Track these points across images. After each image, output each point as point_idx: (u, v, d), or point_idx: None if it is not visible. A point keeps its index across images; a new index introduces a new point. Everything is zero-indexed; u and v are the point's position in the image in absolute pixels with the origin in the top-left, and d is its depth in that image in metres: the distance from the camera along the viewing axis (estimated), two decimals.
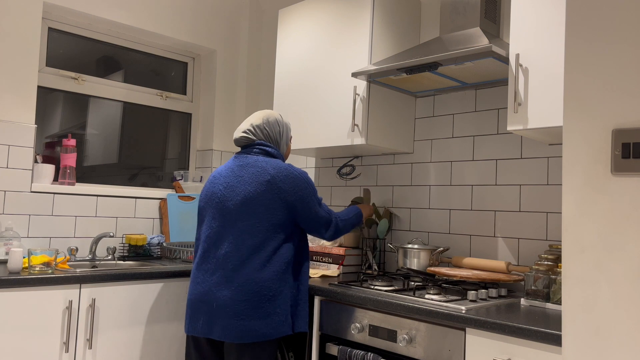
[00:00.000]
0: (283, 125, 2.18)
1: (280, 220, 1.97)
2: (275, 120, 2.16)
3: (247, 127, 2.12)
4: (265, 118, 2.14)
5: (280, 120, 2.18)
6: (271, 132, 2.14)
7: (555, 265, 1.88)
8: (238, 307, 1.88)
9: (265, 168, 2.00)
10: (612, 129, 1.11)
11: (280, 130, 2.16)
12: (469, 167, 2.48)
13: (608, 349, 1.08)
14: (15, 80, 2.65)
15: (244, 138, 2.12)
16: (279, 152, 2.14)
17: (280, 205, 1.96)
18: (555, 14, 1.85)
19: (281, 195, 1.96)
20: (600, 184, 1.11)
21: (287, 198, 1.97)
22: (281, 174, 1.98)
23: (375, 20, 2.48)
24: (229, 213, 1.99)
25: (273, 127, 2.14)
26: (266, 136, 2.12)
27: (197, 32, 3.38)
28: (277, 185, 1.96)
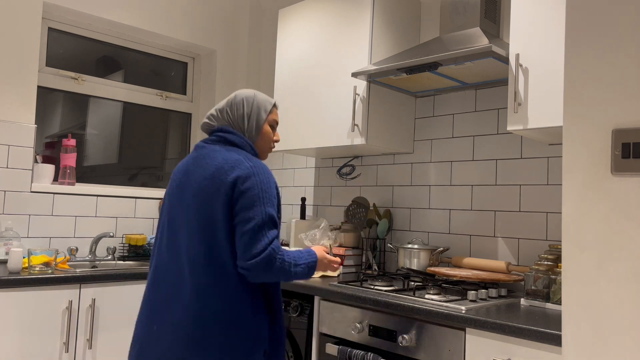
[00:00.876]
0: (252, 105, 1.69)
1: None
2: (241, 100, 1.68)
3: (211, 111, 1.73)
4: (230, 99, 1.70)
5: (250, 98, 1.69)
6: (234, 115, 1.68)
7: (555, 265, 1.88)
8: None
9: (212, 161, 1.58)
10: (612, 129, 1.11)
11: (246, 112, 1.68)
12: (469, 167, 2.48)
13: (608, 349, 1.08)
14: (15, 80, 2.65)
15: (205, 124, 1.72)
16: (245, 140, 1.65)
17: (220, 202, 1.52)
18: (555, 14, 1.85)
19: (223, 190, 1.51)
20: (600, 184, 1.11)
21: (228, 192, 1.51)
22: (227, 165, 1.54)
23: (375, 20, 2.48)
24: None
25: (236, 108, 1.68)
26: (229, 120, 1.68)
27: (197, 32, 3.38)
28: (220, 179, 1.52)
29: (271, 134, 1.74)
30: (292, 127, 2.79)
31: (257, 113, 1.69)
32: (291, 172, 3.35)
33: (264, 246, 1.45)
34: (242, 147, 1.65)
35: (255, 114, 1.69)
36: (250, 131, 1.69)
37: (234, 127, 1.68)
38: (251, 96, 1.70)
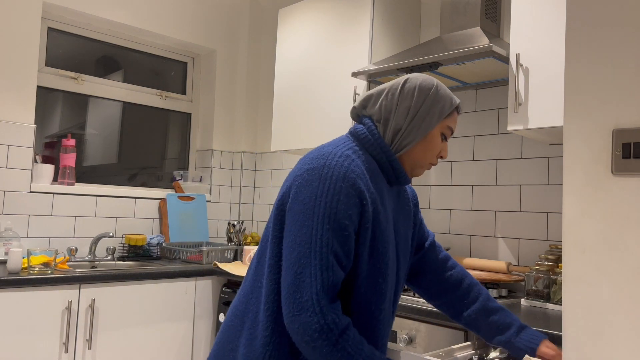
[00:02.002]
0: (426, 98, 1.19)
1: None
2: (413, 87, 1.19)
3: (370, 91, 1.29)
4: (398, 82, 1.22)
5: (428, 88, 1.19)
6: (391, 103, 1.20)
7: (556, 266, 1.88)
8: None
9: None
10: (613, 129, 1.10)
11: (413, 105, 1.18)
12: (469, 167, 2.47)
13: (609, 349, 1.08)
14: (14, 80, 2.65)
15: (353, 109, 1.28)
16: (373, 140, 1.19)
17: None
18: (555, 13, 1.85)
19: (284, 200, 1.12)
20: (601, 184, 1.11)
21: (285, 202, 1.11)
22: (299, 165, 1.13)
23: (375, 20, 2.48)
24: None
25: (402, 96, 1.19)
26: (377, 112, 1.21)
27: (197, 32, 3.38)
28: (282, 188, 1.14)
29: (439, 145, 1.23)
30: (292, 127, 2.79)
31: (427, 110, 1.19)
32: None
33: (304, 302, 0.98)
34: (367, 147, 1.19)
35: (425, 111, 1.18)
36: (409, 131, 1.19)
37: (384, 119, 1.20)
38: (430, 86, 1.20)
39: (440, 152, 1.24)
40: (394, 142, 1.20)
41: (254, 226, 3.60)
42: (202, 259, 2.82)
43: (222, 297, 2.65)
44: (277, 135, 2.87)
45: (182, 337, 2.57)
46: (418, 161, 1.23)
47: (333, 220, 1.02)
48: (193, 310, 2.61)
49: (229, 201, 3.54)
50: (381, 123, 1.20)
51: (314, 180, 1.05)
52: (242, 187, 3.58)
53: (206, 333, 2.67)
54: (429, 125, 1.18)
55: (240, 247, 3.03)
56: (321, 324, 0.97)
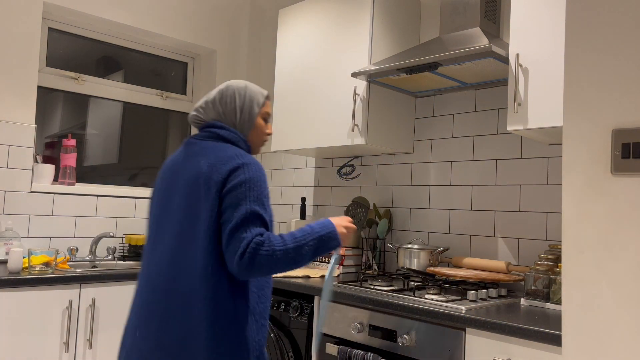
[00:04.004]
0: (244, 98, 1.61)
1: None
2: (233, 92, 1.60)
3: (200, 103, 1.62)
4: (221, 89, 1.61)
5: (242, 90, 1.61)
6: (225, 108, 1.59)
7: (555, 265, 1.88)
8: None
9: (205, 159, 1.49)
10: (612, 129, 1.11)
11: (239, 105, 1.60)
12: (469, 167, 2.48)
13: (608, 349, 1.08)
14: (15, 80, 2.65)
15: (193, 117, 1.63)
16: (239, 136, 1.58)
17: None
18: (555, 14, 1.85)
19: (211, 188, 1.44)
20: (600, 184, 1.11)
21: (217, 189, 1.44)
22: (220, 162, 1.46)
23: (375, 20, 2.48)
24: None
25: (228, 101, 1.59)
26: (219, 113, 1.59)
27: (197, 32, 3.38)
28: (213, 178, 1.44)
29: (264, 127, 1.66)
30: (292, 127, 2.80)
31: (249, 106, 1.61)
32: (291, 172, 3.35)
33: (245, 244, 1.35)
34: (235, 143, 1.57)
35: (248, 107, 1.60)
36: (242, 125, 1.60)
37: (225, 120, 1.59)
38: (242, 88, 1.61)
39: (267, 131, 1.66)
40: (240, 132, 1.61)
41: None
42: None
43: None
44: (277, 135, 2.88)
45: None
46: (255, 142, 1.65)
47: (263, 199, 1.46)
48: None
49: None
50: (226, 122, 1.59)
51: (249, 171, 1.46)
52: None
53: None
54: (253, 116, 1.61)
55: None
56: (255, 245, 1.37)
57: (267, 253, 1.35)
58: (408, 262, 2.37)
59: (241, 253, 1.34)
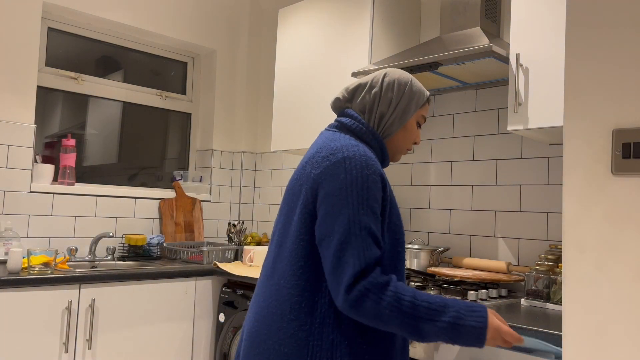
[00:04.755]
0: (404, 92, 1.34)
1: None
2: (392, 82, 1.34)
3: (349, 85, 1.39)
4: (377, 76, 1.36)
5: (405, 83, 1.35)
6: (375, 96, 1.33)
7: (556, 266, 1.88)
8: None
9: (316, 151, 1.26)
10: (613, 129, 1.10)
11: (395, 97, 1.33)
12: (469, 167, 2.47)
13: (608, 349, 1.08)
14: (14, 80, 2.65)
15: (334, 100, 1.40)
16: (365, 129, 1.31)
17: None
18: (555, 13, 1.85)
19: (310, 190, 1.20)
20: (601, 184, 1.11)
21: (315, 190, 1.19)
22: (319, 155, 1.23)
23: (375, 20, 2.48)
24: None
25: (383, 89, 1.33)
26: (362, 104, 1.34)
27: (197, 32, 3.38)
28: (307, 173, 1.23)
29: (415, 132, 1.39)
30: (292, 127, 2.79)
31: (407, 102, 1.34)
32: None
33: (348, 279, 1.04)
34: (360, 136, 1.31)
35: (404, 103, 1.34)
36: (391, 122, 1.33)
37: (369, 111, 1.32)
38: (406, 79, 1.35)
39: (415, 139, 1.41)
40: (379, 130, 1.34)
41: (254, 226, 3.61)
42: (202, 259, 2.82)
43: (222, 297, 2.65)
44: (277, 135, 2.88)
45: (182, 337, 2.57)
46: (398, 147, 1.38)
47: (366, 206, 1.12)
48: (193, 310, 2.61)
49: (229, 201, 3.54)
50: (365, 113, 1.34)
51: (339, 173, 1.15)
52: (242, 187, 3.58)
53: (206, 333, 2.67)
54: (407, 115, 1.35)
55: (240, 247, 3.03)
56: (365, 285, 1.05)
57: (385, 299, 1.04)
58: (408, 262, 2.37)
59: (344, 289, 1.05)
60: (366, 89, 1.34)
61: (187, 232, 3.26)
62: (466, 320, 1.07)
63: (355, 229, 1.08)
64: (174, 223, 3.21)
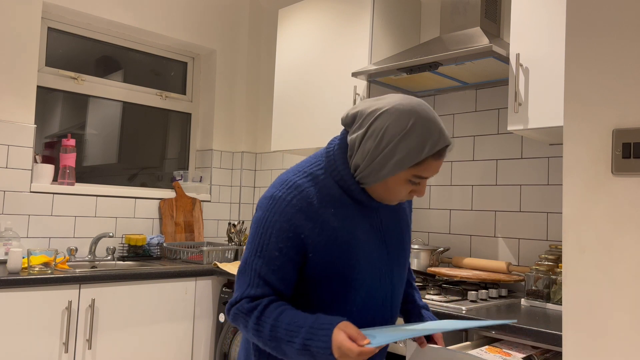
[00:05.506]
0: (383, 146, 1.09)
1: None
2: (384, 126, 1.10)
3: (357, 105, 1.19)
4: (374, 113, 1.12)
5: (401, 127, 1.09)
6: (352, 140, 1.15)
7: (556, 266, 1.88)
8: None
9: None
10: (613, 129, 1.10)
11: (366, 149, 1.11)
12: (469, 167, 2.47)
13: (608, 349, 1.08)
14: (14, 80, 2.65)
15: (343, 118, 1.21)
16: (337, 165, 1.17)
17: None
18: (555, 13, 1.85)
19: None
20: (601, 184, 1.11)
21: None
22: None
23: (375, 20, 2.48)
24: None
25: (359, 136, 1.13)
26: (350, 139, 1.16)
27: (197, 32, 3.38)
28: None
29: (404, 189, 1.15)
30: (292, 127, 2.79)
31: (387, 160, 1.10)
32: None
33: (230, 301, 1.17)
34: (328, 169, 1.18)
35: (383, 161, 1.10)
36: (366, 175, 1.13)
37: (352, 145, 1.15)
38: (401, 129, 1.09)
39: (403, 198, 1.17)
40: (355, 175, 1.16)
41: None
42: (202, 259, 2.82)
43: (222, 297, 2.65)
44: (277, 135, 2.87)
45: (182, 337, 2.57)
46: (384, 197, 1.18)
47: (265, 250, 1.13)
48: (193, 310, 2.61)
49: (229, 201, 3.54)
50: (349, 149, 1.16)
51: (261, 208, 1.16)
52: (242, 187, 3.58)
53: (206, 333, 2.67)
54: (385, 174, 1.10)
55: (240, 247, 3.03)
56: (234, 311, 1.16)
57: (249, 322, 1.13)
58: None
59: (233, 302, 1.18)
60: (358, 123, 1.14)
61: (187, 232, 3.26)
62: (314, 340, 1.05)
63: (248, 268, 1.15)
64: (174, 223, 3.21)
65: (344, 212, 1.16)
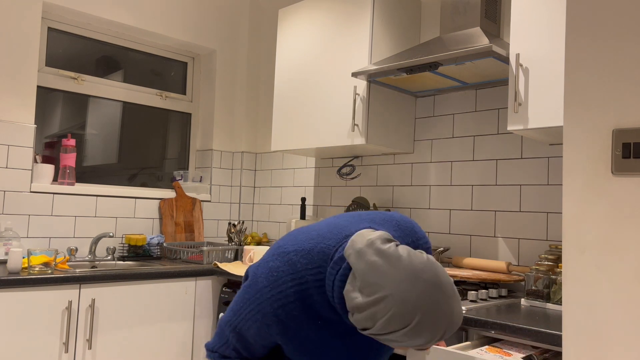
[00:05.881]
0: (399, 323, 0.97)
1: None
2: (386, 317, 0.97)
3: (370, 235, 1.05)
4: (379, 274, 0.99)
5: (410, 314, 0.96)
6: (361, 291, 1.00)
7: (556, 266, 1.88)
8: None
9: None
10: (613, 129, 1.10)
11: (382, 316, 0.97)
12: (469, 167, 2.47)
13: (608, 349, 1.08)
14: (14, 80, 2.65)
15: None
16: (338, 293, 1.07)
17: None
18: (555, 13, 1.85)
19: None
20: (601, 184, 1.11)
21: None
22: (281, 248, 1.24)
23: (375, 20, 2.48)
24: None
25: (370, 296, 0.98)
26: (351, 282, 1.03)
27: (197, 32, 3.38)
28: None
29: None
30: (292, 127, 2.79)
31: (394, 341, 0.99)
32: (291, 172, 3.35)
33: (206, 345, 1.27)
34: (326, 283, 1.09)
35: (392, 341, 0.99)
36: (368, 334, 1.02)
37: (349, 301, 1.02)
38: (409, 321, 0.96)
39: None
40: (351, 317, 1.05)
41: (254, 226, 3.61)
42: (202, 259, 2.82)
43: (222, 297, 2.65)
44: (277, 135, 2.88)
45: (182, 337, 2.57)
46: None
47: (241, 331, 1.16)
48: (193, 310, 2.61)
49: (229, 201, 3.54)
50: (345, 295, 1.03)
51: (259, 283, 1.14)
52: (242, 187, 3.58)
53: (206, 333, 2.67)
54: (386, 343, 1.02)
55: (240, 247, 3.03)
56: (208, 356, 1.25)
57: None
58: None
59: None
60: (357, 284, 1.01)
61: (187, 232, 3.26)
62: None
63: (226, 330, 1.20)
64: (174, 223, 3.21)
65: (328, 328, 1.14)
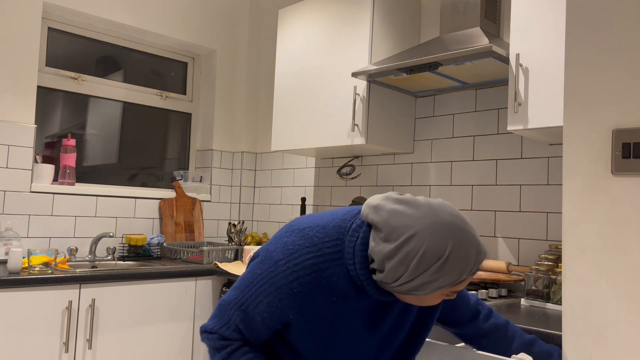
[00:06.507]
0: (416, 273, 1.01)
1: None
2: (412, 254, 1.01)
3: (384, 202, 1.12)
4: (405, 230, 1.03)
5: (428, 262, 1.00)
6: (379, 255, 1.03)
7: (556, 266, 1.88)
8: None
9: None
10: (613, 129, 1.10)
11: (398, 273, 1.02)
12: (469, 167, 2.47)
13: (608, 349, 1.08)
14: (15, 80, 2.65)
15: (363, 210, 1.14)
16: (357, 266, 1.07)
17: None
18: (555, 13, 1.85)
19: None
20: (601, 184, 1.11)
21: None
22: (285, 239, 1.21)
23: (375, 20, 2.48)
24: None
25: (389, 254, 1.02)
26: (379, 246, 1.04)
27: (197, 32, 3.38)
28: None
29: (434, 300, 1.09)
30: (292, 127, 2.79)
31: (421, 283, 1.01)
32: (291, 172, 3.35)
33: (203, 326, 1.23)
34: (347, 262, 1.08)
35: (418, 284, 1.01)
36: (401, 289, 1.03)
37: (376, 255, 1.03)
38: (442, 251, 1.00)
39: (434, 302, 1.10)
40: (377, 280, 1.06)
41: (254, 226, 3.61)
42: (202, 259, 2.82)
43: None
44: (277, 135, 2.88)
45: (182, 337, 2.57)
46: (411, 302, 1.11)
47: (248, 310, 1.13)
48: (193, 310, 2.61)
49: (229, 201, 3.54)
50: (370, 253, 1.05)
51: (264, 264, 1.13)
52: (242, 187, 3.58)
53: None
54: (418, 294, 1.04)
55: (240, 247, 3.03)
56: (203, 339, 1.22)
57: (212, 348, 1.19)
58: None
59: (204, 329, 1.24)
60: (384, 234, 1.03)
61: (187, 232, 3.26)
62: None
63: (229, 310, 1.18)
64: (174, 223, 3.21)
65: (342, 305, 1.11)
